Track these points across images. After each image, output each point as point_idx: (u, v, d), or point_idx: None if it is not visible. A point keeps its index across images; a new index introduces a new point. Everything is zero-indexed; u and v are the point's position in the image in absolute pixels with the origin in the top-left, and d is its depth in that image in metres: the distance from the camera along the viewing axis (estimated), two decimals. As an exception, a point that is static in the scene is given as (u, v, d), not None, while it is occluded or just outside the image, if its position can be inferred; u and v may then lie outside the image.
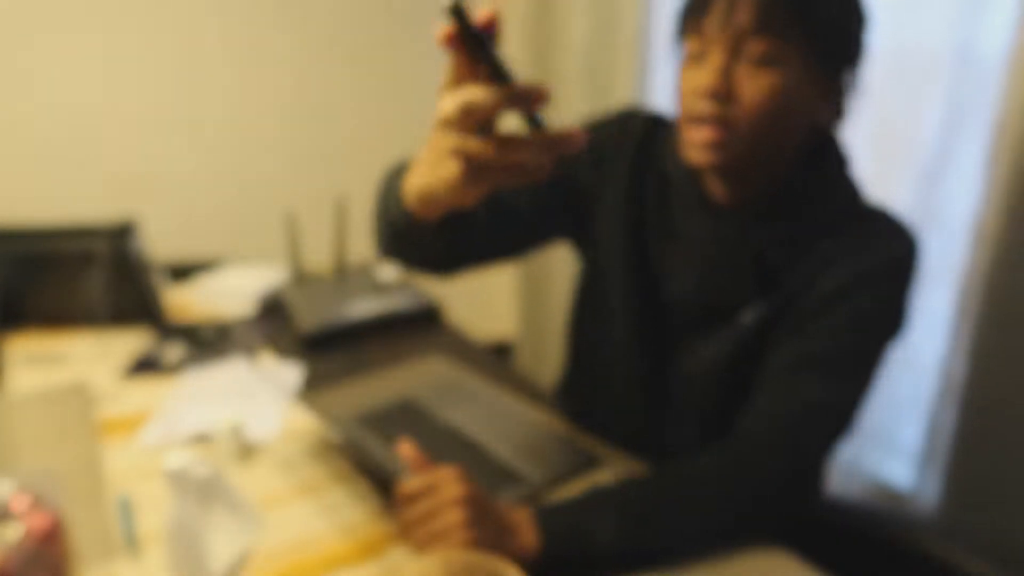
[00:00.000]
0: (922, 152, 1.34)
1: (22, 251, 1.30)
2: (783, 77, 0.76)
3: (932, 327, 1.40)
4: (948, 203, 1.34)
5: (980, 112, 1.25)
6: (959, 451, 1.27)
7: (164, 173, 2.15)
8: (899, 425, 1.52)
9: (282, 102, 2.26)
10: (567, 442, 1.00)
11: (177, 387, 1.17)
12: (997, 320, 1.16)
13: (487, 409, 1.08)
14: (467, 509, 0.73)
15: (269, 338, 1.37)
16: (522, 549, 0.75)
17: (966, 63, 1.26)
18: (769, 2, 0.74)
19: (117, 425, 1.06)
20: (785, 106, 0.77)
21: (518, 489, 0.89)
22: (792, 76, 0.76)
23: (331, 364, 1.27)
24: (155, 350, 1.31)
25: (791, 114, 0.78)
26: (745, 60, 0.76)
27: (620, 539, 0.76)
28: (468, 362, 1.24)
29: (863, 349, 0.84)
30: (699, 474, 0.82)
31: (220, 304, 1.51)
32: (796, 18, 0.74)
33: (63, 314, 1.37)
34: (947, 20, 1.26)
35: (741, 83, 0.76)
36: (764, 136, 0.78)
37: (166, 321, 1.43)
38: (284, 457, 0.98)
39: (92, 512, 0.87)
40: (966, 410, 1.24)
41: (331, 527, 0.84)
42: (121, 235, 1.30)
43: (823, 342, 0.83)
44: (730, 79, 0.76)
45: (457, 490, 0.73)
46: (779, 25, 0.74)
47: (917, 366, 1.45)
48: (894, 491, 1.52)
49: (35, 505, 0.76)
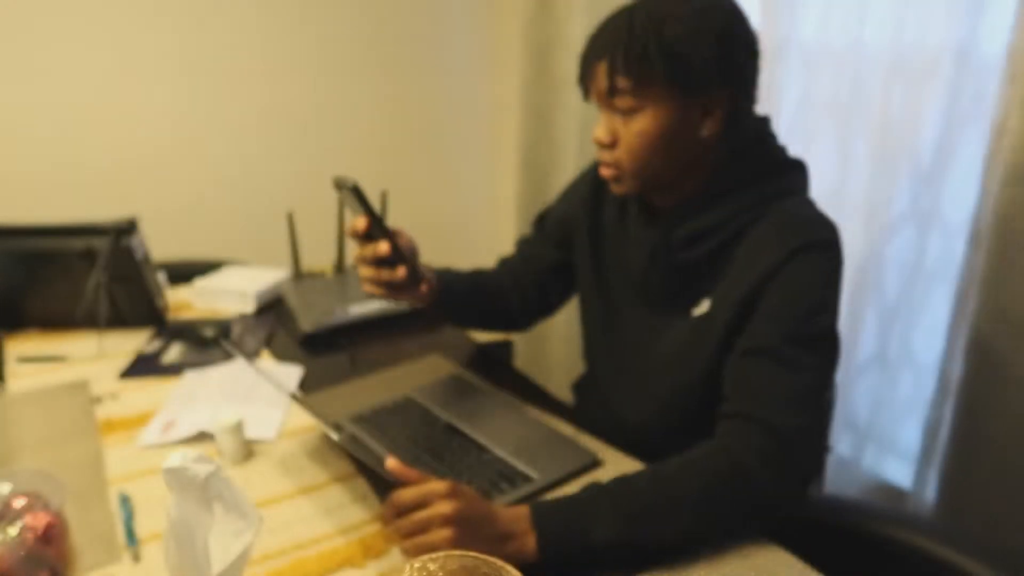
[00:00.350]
0: (922, 152, 1.34)
1: (23, 249, 1.30)
2: (648, 120, 0.88)
3: (931, 327, 1.41)
4: (948, 203, 1.34)
5: (980, 112, 1.25)
6: (957, 450, 1.27)
7: (165, 173, 2.15)
8: (898, 424, 1.52)
9: (282, 102, 2.26)
10: (567, 442, 1.00)
11: (177, 387, 1.17)
12: (995, 320, 1.16)
13: (487, 409, 1.08)
14: (455, 528, 0.73)
15: (269, 338, 1.37)
16: (520, 553, 0.75)
17: (966, 63, 1.26)
18: (614, 69, 0.87)
19: (117, 425, 1.06)
20: (659, 139, 0.89)
21: (518, 489, 0.89)
22: (657, 116, 0.88)
23: (331, 364, 1.27)
24: (155, 350, 1.31)
25: (673, 141, 0.90)
26: (619, 113, 0.90)
27: (617, 535, 0.76)
28: (468, 362, 1.24)
29: (812, 329, 0.86)
30: (694, 469, 0.82)
31: (220, 304, 1.51)
32: (639, 75, 0.86)
33: (63, 313, 1.37)
34: (947, 20, 1.27)
35: (620, 132, 0.91)
36: (652, 166, 0.92)
37: (166, 321, 1.43)
38: (284, 457, 0.98)
39: (92, 512, 0.87)
40: (964, 409, 1.24)
41: (331, 527, 0.85)
42: (122, 234, 1.30)
43: (771, 331, 0.86)
44: (613, 129, 0.92)
45: (446, 508, 0.74)
46: (626, 86, 0.87)
47: (916, 366, 1.46)
48: (893, 490, 1.52)
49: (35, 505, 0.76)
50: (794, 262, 0.87)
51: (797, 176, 0.96)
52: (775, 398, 0.84)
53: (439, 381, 1.17)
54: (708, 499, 0.80)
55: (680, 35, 0.85)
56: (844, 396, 1.56)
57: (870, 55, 1.41)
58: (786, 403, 0.84)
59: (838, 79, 1.47)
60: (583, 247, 1.12)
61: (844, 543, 0.93)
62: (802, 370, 0.85)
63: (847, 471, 1.60)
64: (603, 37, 0.89)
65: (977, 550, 0.85)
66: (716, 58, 0.86)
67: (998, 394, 1.18)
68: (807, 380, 0.85)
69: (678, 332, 0.98)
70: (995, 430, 1.20)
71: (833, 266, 0.89)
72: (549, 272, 1.19)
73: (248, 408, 1.08)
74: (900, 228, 1.41)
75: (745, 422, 0.84)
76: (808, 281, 0.87)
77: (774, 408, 0.83)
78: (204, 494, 0.66)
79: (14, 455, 1.00)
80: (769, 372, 0.85)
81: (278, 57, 2.22)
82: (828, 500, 1.02)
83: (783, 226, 0.90)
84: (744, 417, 0.84)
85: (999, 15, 1.20)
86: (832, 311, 0.88)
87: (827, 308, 0.88)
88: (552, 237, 1.18)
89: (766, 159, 0.95)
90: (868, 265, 1.48)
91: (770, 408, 0.83)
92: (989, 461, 1.22)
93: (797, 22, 1.51)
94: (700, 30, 0.85)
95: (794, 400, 0.84)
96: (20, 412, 1.10)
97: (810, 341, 0.86)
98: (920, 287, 1.41)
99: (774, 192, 0.93)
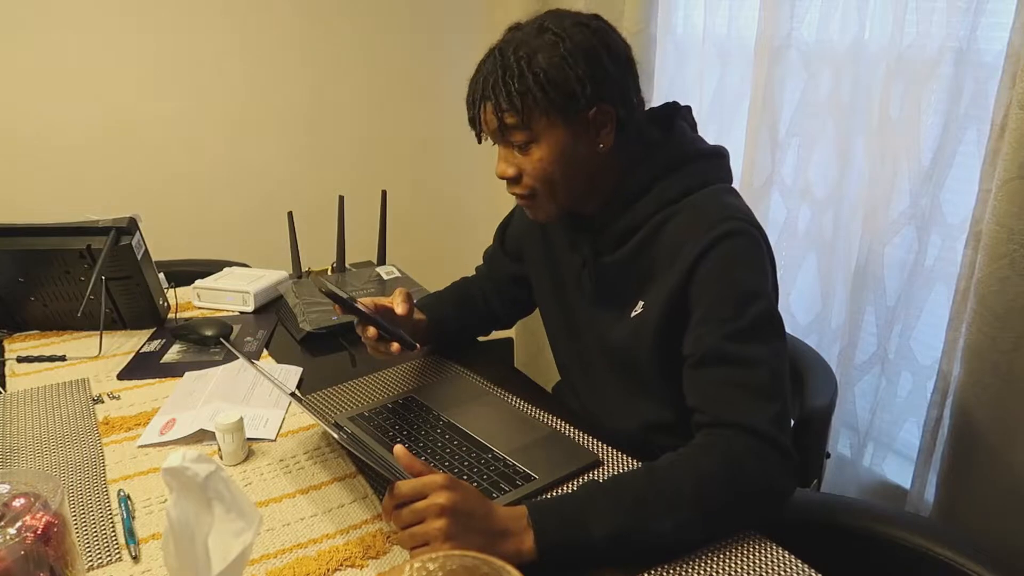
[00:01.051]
0: (922, 152, 1.34)
1: (23, 249, 1.30)
2: (545, 148, 0.93)
3: (931, 327, 1.41)
4: (947, 203, 1.34)
5: (980, 112, 1.25)
6: (956, 450, 1.27)
7: (165, 173, 2.15)
8: (898, 424, 1.52)
9: (282, 103, 2.26)
10: (567, 441, 1.00)
11: (177, 387, 1.17)
12: (994, 320, 1.16)
13: (487, 408, 1.08)
14: (450, 519, 0.73)
15: (269, 338, 1.37)
16: (518, 551, 0.75)
17: (966, 63, 1.26)
18: (499, 108, 0.91)
19: (117, 425, 1.06)
20: (561, 161, 0.93)
21: (519, 489, 0.89)
22: (551, 142, 0.92)
23: (331, 364, 1.27)
24: (155, 350, 1.31)
25: (573, 160, 0.94)
26: (515, 147, 0.94)
27: (616, 529, 0.76)
28: (468, 362, 1.24)
29: (750, 320, 0.87)
30: (689, 463, 0.82)
31: (220, 304, 1.51)
32: (524, 109, 0.90)
33: (64, 313, 1.37)
34: (947, 20, 1.27)
35: (521, 163, 0.95)
36: (562, 186, 0.95)
37: (167, 321, 1.43)
38: (284, 457, 0.98)
39: (92, 512, 0.87)
40: (963, 410, 1.24)
41: (331, 527, 0.85)
42: (122, 233, 1.30)
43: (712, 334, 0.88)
44: (514, 162, 0.96)
45: (443, 499, 0.74)
46: (514, 122, 0.91)
47: (916, 366, 1.46)
48: (893, 489, 1.52)
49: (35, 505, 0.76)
50: (710, 258, 0.89)
51: (710, 164, 0.99)
52: (740, 399, 0.85)
53: (439, 381, 1.17)
54: (704, 490, 0.80)
55: (551, 63, 0.89)
56: (844, 396, 1.56)
57: (870, 55, 1.41)
58: (752, 400, 0.85)
59: (838, 79, 1.47)
60: (536, 257, 1.16)
61: (844, 543, 0.93)
62: (755, 364, 0.86)
63: (847, 471, 1.60)
64: (481, 80, 0.93)
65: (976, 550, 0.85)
66: (588, 77, 0.90)
67: (997, 394, 1.18)
68: (763, 372, 0.86)
69: (620, 330, 1.01)
70: (994, 430, 1.20)
71: (751, 250, 0.91)
72: (513, 284, 1.26)
73: (248, 408, 1.08)
74: (900, 228, 1.41)
75: (720, 429, 0.85)
76: (730, 274, 0.89)
77: (742, 410, 0.84)
78: (204, 494, 0.66)
79: (14, 455, 1.00)
80: (724, 376, 0.87)
81: (278, 58, 2.22)
82: (828, 500, 1.02)
83: (693, 222, 0.92)
84: (717, 425, 0.85)
85: (999, 15, 1.20)
86: (764, 294, 0.89)
87: (759, 294, 0.89)
88: (509, 250, 1.25)
89: (673, 153, 0.98)
90: (868, 265, 1.48)
91: (739, 411, 0.84)
92: (988, 461, 1.22)
93: (797, 22, 1.51)
94: (567, 54, 0.89)
95: (757, 395, 0.85)
96: (20, 412, 1.10)
97: (752, 333, 0.87)
98: (920, 287, 1.41)
99: (685, 187, 0.95)
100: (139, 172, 2.12)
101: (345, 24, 2.28)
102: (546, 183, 0.95)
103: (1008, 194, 1.11)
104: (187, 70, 2.11)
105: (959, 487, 1.28)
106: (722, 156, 1.00)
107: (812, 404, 1.13)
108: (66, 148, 2.02)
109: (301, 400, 1.10)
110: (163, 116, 2.11)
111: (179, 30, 2.06)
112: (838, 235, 1.54)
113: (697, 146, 1.00)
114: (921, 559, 0.87)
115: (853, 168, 1.48)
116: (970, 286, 1.21)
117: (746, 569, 0.77)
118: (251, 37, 2.16)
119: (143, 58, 2.04)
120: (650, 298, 0.96)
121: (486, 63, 0.93)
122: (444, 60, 2.46)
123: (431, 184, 2.59)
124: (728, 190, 0.98)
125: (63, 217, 1.34)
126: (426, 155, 2.55)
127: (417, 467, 0.78)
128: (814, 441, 1.14)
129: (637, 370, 1.00)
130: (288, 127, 2.29)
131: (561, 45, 0.89)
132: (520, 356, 2.54)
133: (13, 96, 1.94)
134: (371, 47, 2.34)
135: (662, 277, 0.94)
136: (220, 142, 2.21)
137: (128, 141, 2.08)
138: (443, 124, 2.53)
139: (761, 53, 1.59)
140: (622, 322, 1.00)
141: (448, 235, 2.63)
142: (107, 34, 1.99)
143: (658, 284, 0.94)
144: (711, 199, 0.95)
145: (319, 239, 1.76)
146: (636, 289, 0.98)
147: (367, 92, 2.37)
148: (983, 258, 1.16)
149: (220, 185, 2.24)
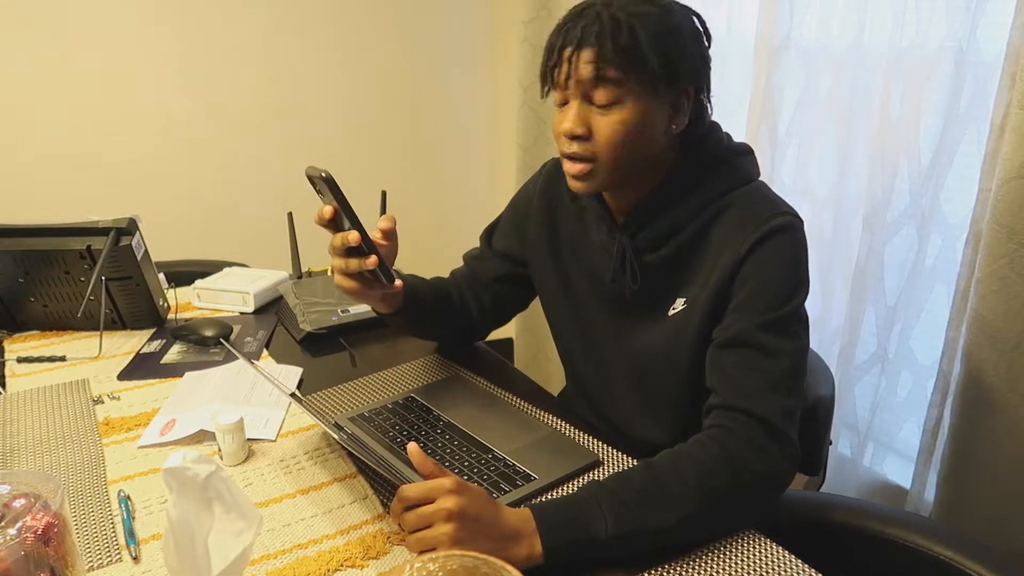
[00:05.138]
0: (922, 152, 1.34)
1: (23, 249, 1.30)
2: (629, 112, 0.88)
3: (931, 327, 1.41)
4: (947, 203, 1.34)
5: (980, 112, 1.25)
6: (956, 450, 1.27)
7: (165, 174, 2.15)
8: (898, 424, 1.52)
9: (282, 103, 2.26)
10: (567, 441, 1.00)
11: (177, 387, 1.17)
12: (994, 320, 1.16)
13: (487, 408, 1.08)
14: (458, 524, 0.73)
15: (269, 338, 1.37)
16: (529, 555, 0.75)
17: (966, 63, 1.26)
18: (603, 58, 0.86)
19: (117, 425, 1.06)
20: (637, 131, 0.89)
21: (519, 489, 0.89)
22: (637, 108, 0.88)
23: (331, 364, 1.27)
24: (155, 350, 1.31)
25: (645, 134, 0.90)
26: (595, 104, 0.89)
27: (619, 527, 0.76)
28: (468, 362, 1.24)
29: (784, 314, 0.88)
30: (689, 458, 0.83)
31: (220, 304, 1.51)
32: (628, 66, 0.86)
33: (64, 313, 1.37)
34: (947, 20, 1.27)
35: (595, 123, 0.90)
36: (625, 158, 0.91)
37: (167, 321, 1.43)
38: (284, 457, 0.98)
39: (92, 512, 0.87)
40: (963, 409, 1.24)
41: (331, 527, 0.85)
42: (122, 233, 1.30)
43: (746, 321, 0.88)
44: (587, 120, 0.90)
45: (451, 503, 0.74)
46: (614, 76, 0.86)
47: (916, 366, 1.46)
48: (893, 489, 1.52)
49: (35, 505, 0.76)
50: (758, 252, 0.89)
51: (746, 161, 0.99)
52: (757, 386, 0.86)
53: (439, 381, 1.17)
54: (705, 483, 0.80)
55: (665, 30, 0.87)
56: (844, 396, 1.56)
57: (870, 55, 1.41)
58: (768, 390, 0.85)
59: (838, 79, 1.47)
60: (542, 260, 1.13)
61: (844, 543, 0.94)
62: (779, 355, 0.87)
63: (847, 470, 1.60)
64: (582, 27, 0.87)
65: (976, 550, 0.85)
66: (691, 55, 0.89)
67: (997, 394, 1.18)
68: (785, 364, 0.87)
69: (655, 333, 0.99)
70: (994, 430, 1.20)
71: (796, 247, 0.92)
72: (500, 285, 1.20)
73: (248, 408, 1.08)
74: (900, 228, 1.41)
75: (731, 413, 0.85)
76: (775, 268, 0.90)
77: (757, 397, 0.85)
78: (204, 494, 0.66)
79: (14, 455, 1.00)
80: (748, 361, 0.87)
81: (278, 58, 2.22)
82: (828, 500, 1.02)
83: (743, 219, 0.92)
84: (729, 408, 0.86)
85: (999, 15, 1.20)
86: (801, 292, 0.91)
87: (797, 291, 0.90)
88: (501, 253, 1.19)
89: (714, 150, 0.97)
90: (868, 265, 1.48)
91: (754, 397, 0.85)
92: (988, 461, 1.22)
93: (797, 22, 1.51)
94: (674, 27, 0.88)
95: (776, 385, 0.86)
96: (20, 412, 1.10)
97: (783, 325, 0.88)
98: (920, 287, 1.41)
99: (728, 184, 0.95)
100: (139, 172, 2.12)
101: (345, 24, 2.28)
102: (613, 149, 0.90)
103: (1008, 194, 1.11)
104: (187, 70, 2.11)
105: (959, 487, 1.28)
106: (752, 153, 1.00)
107: (816, 394, 1.13)
108: (66, 148, 2.02)
109: (301, 400, 1.10)
110: (163, 116, 2.11)
111: (180, 30, 2.06)
112: (838, 235, 1.54)
113: (731, 142, 1.00)
114: (921, 559, 0.87)
115: (853, 168, 1.48)
116: (970, 286, 1.21)
117: (746, 568, 0.77)
118: (251, 37, 2.16)
119: (143, 58, 2.04)
120: (692, 294, 0.95)
121: (585, 13, 0.88)
122: (445, 60, 2.46)
123: (431, 184, 2.59)
124: (766, 186, 0.98)
125: (63, 217, 1.34)
126: (427, 155, 2.55)
127: (428, 467, 0.78)
128: (818, 431, 1.13)
129: (673, 372, 0.98)
130: (288, 127, 2.28)
131: (672, 17, 0.88)
132: (520, 356, 2.54)
133: (13, 96, 1.94)
134: (372, 47, 2.34)
135: (707, 273, 0.93)
136: (220, 142, 2.20)
137: (128, 141, 2.08)
138: (444, 125, 2.53)
139: (761, 53, 1.59)
140: (658, 324, 0.99)
141: (448, 235, 2.63)
142: (107, 34, 1.99)
143: (702, 280, 0.93)
144: (757, 194, 0.95)
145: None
146: (675, 287, 0.97)
147: (367, 92, 2.37)
148: (983, 258, 1.16)
149: (220, 185, 2.24)
